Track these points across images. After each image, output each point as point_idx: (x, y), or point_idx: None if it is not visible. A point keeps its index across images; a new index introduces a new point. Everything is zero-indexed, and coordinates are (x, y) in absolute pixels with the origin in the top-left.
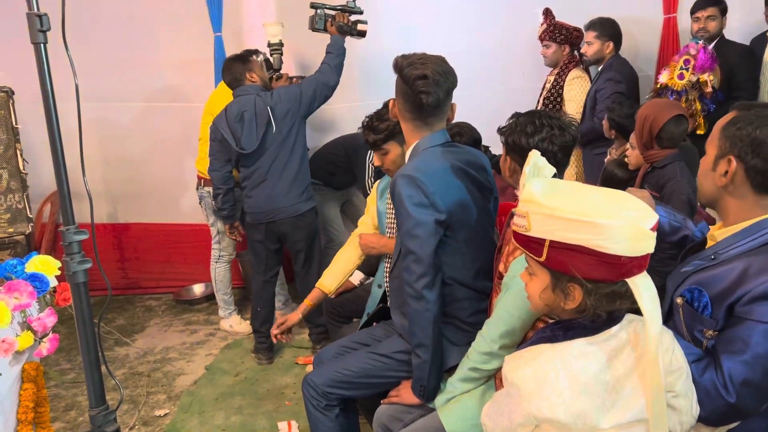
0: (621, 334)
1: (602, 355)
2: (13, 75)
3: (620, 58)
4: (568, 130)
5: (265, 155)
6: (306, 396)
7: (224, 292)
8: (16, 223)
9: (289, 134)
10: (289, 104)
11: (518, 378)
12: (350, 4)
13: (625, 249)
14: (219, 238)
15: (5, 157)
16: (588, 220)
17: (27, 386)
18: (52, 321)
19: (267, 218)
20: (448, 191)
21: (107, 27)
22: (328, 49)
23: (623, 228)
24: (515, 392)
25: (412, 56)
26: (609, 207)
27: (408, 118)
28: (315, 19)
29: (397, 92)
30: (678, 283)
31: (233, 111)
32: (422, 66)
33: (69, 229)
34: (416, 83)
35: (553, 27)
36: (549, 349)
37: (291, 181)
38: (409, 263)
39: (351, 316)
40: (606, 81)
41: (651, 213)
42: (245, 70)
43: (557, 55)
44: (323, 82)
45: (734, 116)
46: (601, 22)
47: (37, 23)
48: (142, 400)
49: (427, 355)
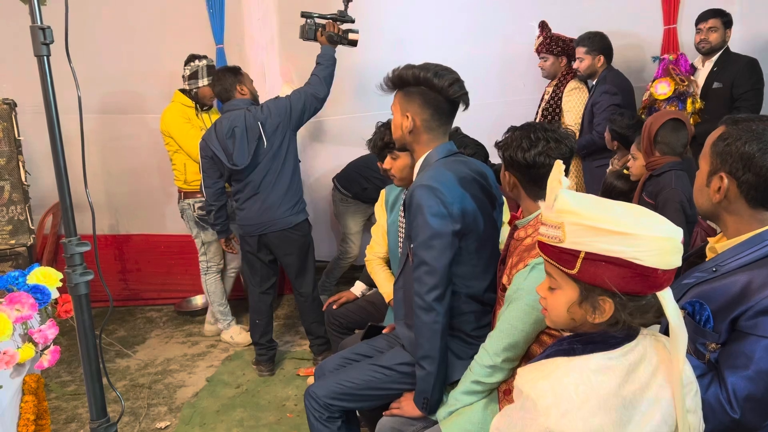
0: (638, 348)
1: (621, 370)
2: (16, 87)
3: (613, 70)
4: (565, 142)
5: (257, 169)
6: (308, 408)
7: (219, 303)
8: (17, 234)
9: (280, 148)
10: (279, 118)
11: (534, 392)
12: (341, 13)
13: (660, 262)
14: (204, 249)
15: (7, 168)
16: (628, 232)
17: (28, 398)
18: (54, 333)
19: (259, 231)
20: (463, 201)
21: (109, 39)
22: (318, 59)
23: (661, 241)
24: (531, 406)
25: (426, 66)
26: (641, 219)
27: (433, 127)
28: (305, 29)
29: (417, 105)
30: (679, 295)
31: (224, 127)
32: (447, 72)
33: (71, 240)
34: (451, 89)
35: (550, 39)
36: (566, 362)
37: (283, 194)
38: (422, 274)
39: (353, 328)
40: (602, 94)
41: (677, 226)
42: (236, 82)
43: (555, 67)
44: (312, 95)
45: (723, 132)
46: (590, 37)
47: (41, 36)
48: (143, 412)
49: (432, 367)
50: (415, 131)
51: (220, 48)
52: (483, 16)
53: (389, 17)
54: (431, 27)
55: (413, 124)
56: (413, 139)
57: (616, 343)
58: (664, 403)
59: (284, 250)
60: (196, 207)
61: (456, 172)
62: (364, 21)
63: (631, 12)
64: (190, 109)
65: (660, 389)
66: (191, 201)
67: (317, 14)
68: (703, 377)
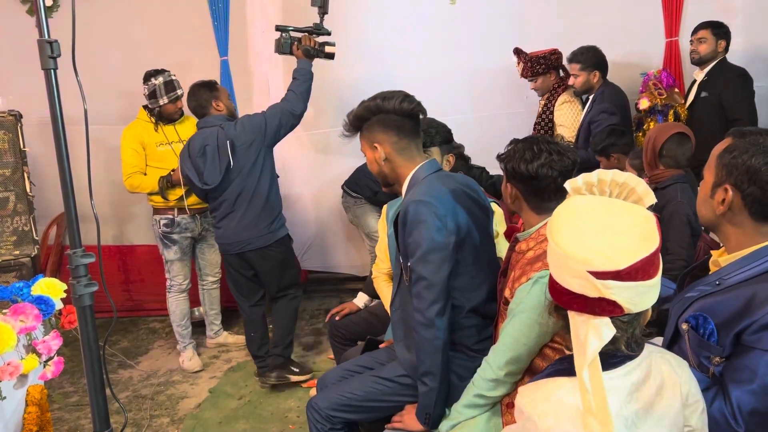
0: (642, 366)
1: (624, 390)
2: (21, 98)
3: (610, 86)
4: (567, 154)
5: (230, 187)
6: (310, 419)
7: (178, 323)
8: (22, 245)
9: (254, 165)
10: (253, 135)
11: (536, 412)
12: (317, 26)
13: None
14: (168, 266)
15: (13, 179)
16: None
17: (31, 409)
18: (57, 344)
19: (236, 249)
20: (456, 213)
21: (114, 51)
22: (294, 74)
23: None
24: (532, 427)
25: (374, 96)
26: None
27: (403, 146)
28: (280, 42)
29: (379, 132)
30: (682, 309)
31: (196, 145)
32: (395, 93)
33: (76, 252)
34: (404, 104)
35: (530, 62)
36: (567, 382)
37: (259, 212)
38: (421, 290)
39: (355, 339)
40: (600, 113)
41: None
42: (211, 98)
43: (546, 83)
44: (289, 111)
45: (729, 144)
46: (583, 52)
47: (48, 50)
48: (145, 424)
49: (434, 383)
50: (388, 158)
51: (224, 60)
52: (482, 29)
53: (367, 31)
54: (418, 41)
55: (384, 152)
56: (390, 167)
57: (617, 363)
58: (668, 422)
59: (263, 267)
60: (162, 224)
61: (446, 185)
62: (347, 37)
63: (633, 25)
64: (151, 125)
65: (665, 408)
66: (158, 217)
67: (292, 27)
68: (707, 391)
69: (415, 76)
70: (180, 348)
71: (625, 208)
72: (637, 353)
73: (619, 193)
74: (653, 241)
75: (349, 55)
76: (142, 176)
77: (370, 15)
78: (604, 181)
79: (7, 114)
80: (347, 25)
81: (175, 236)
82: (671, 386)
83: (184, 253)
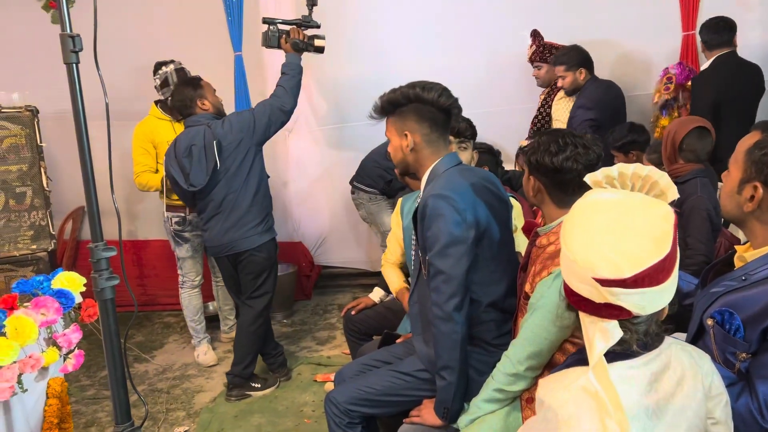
0: (661, 357)
1: (643, 380)
2: (36, 93)
3: (596, 82)
4: (593, 148)
5: (217, 187)
6: (328, 413)
7: (191, 319)
8: (39, 239)
9: (242, 164)
10: (241, 133)
11: (556, 402)
12: (306, 18)
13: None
14: (180, 263)
15: (30, 174)
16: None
17: (52, 402)
18: (77, 337)
19: (224, 251)
20: (476, 207)
21: (127, 46)
22: (282, 68)
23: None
24: (552, 417)
25: (412, 83)
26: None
27: (433, 139)
28: (268, 36)
29: (413, 122)
30: (707, 304)
31: (182, 145)
32: (434, 84)
33: (98, 245)
34: (442, 98)
35: (543, 48)
36: (586, 371)
37: (244, 213)
38: (439, 283)
39: (371, 334)
40: (577, 109)
41: None
42: (196, 96)
43: (549, 75)
44: (278, 107)
45: (759, 139)
46: (566, 53)
47: (70, 44)
48: (161, 417)
49: (452, 377)
50: (416, 148)
51: (238, 55)
52: (494, 23)
53: (370, 27)
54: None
55: (413, 141)
56: (415, 158)
57: (635, 353)
58: (690, 413)
59: (246, 269)
60: (173, 221)
61: (467, 179)
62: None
63: (649, 19)
64: (163, 122)
65: (686, 399)
66: (170, 215)
67: (280, 20)
68: (732, 386)
69: (428, 70)
70: (195, 342)
71: (642, 205)
72: (655, 345)
73: (641, 186)
74: (665, 244)
75: (362, 51)
76: (152, 174)
77: (386, 11)
78: (625, 174)
79: (24, 109)
80: (362, 21)
81: (187, 234)
82: (692, 377)
83: (195, 250)
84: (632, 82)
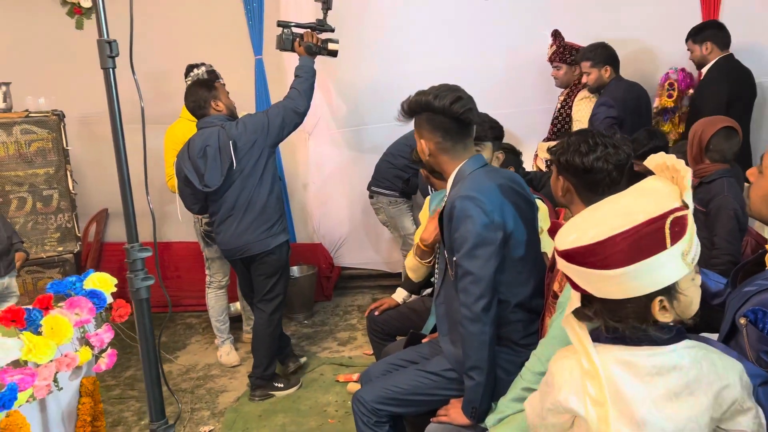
0: (672, 355)
1: (641, 369)
2: (61, 97)
3: (619, 81)
4: (622, 148)
5: (231, 188)
6: (356, 412)
7: (216, 318)
8: (65, 241)
9: (255, 166)
10: (255, 135)
11: (556, 367)
12: (320, 22)
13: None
14: (208, 264)
15: (56, 177)
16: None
17: (85, 400)
18: (109, 337)
19: (237, 254)
20: (503, 209)
21: (150, 50)
22: (296, 71)
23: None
24: (550, 380)
25: (426, 90)
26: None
27: (448, 147)
28: (282, 39)
29: (426, 130)
30: (740, 303)
31: (196, 146)
32: (448, 92)
33: (133, 246)
34: (453, 108)
35: (563, 48)
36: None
37: (258, 215)
38: (467, 284)
39: (394, 334)
40: (599, 106)
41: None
42: (210, 97)
43: (568, 76)
44: (292, 109)
45: None
46: (592, 49)
47: (107, 49)
48: (186, 417)
49: (481, 377)
50: (432, 155)
51: (258, 59)
52: (515, 23)
53: (393, 28)
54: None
55: (428, 148)
56: (435, 162)
57: (638, 342)
58: (691, 414)
59: (258, 270)
60: (204, 222)
61: (493, 180)
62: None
63: (671, 18)
64: (192, 123)
65: (691, 402)
66: (199, 217)
67: (294, 23)
68: (765, 385)
69: (447, 72)
70: (218, 343)
71: (644, 200)
72: (664, 342)
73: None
74: (610, 232)
75: (381, 54)
76: None
77: (404, 15)
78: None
79: (50, 113)
80: (381, 25)
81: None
82: (707, 384)
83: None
84: (655, 82)
